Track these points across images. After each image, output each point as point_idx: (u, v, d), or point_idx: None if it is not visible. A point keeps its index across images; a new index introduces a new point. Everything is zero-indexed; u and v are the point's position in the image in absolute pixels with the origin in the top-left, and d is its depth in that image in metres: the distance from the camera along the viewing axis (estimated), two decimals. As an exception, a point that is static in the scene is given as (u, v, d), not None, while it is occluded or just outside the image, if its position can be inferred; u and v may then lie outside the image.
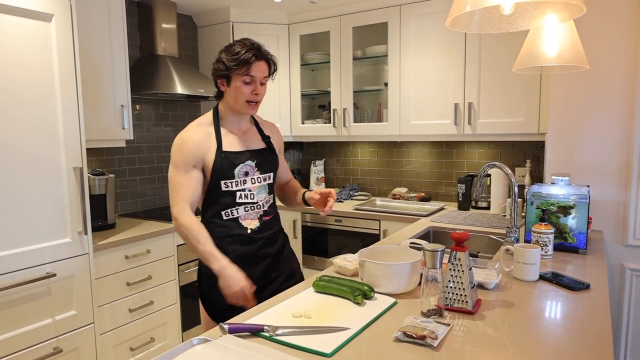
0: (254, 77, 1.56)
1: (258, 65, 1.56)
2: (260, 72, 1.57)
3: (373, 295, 1.34)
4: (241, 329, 1.13)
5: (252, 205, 1.65)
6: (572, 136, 2.32)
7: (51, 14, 1.90)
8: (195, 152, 1.56)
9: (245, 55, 1.53)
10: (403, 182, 3.44)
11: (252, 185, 1.64)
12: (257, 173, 1.66)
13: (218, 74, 1.59)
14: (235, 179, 1.60)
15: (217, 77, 1.60)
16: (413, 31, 2.93)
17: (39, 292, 1.90)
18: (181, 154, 1.55)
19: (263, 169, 1.68)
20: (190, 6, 3.20)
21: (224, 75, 1.57)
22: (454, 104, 2.81)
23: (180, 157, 1.55)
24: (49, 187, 1.92)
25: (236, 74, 1.55)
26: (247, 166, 1.63)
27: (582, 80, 2.27)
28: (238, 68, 1.53)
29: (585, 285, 1.46)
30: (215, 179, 1.58)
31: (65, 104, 1.97)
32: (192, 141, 1.57)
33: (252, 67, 1.54)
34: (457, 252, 1.28)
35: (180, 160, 1.55)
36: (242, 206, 1.63)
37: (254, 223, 1.66)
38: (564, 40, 1.64)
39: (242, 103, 1.58)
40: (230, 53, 1.55)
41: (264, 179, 1.68)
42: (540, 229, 1.80)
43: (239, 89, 1.56)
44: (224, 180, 1.59)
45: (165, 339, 2.56)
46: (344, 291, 1.35)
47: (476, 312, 1.27)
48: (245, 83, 1.56)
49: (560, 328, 1.17)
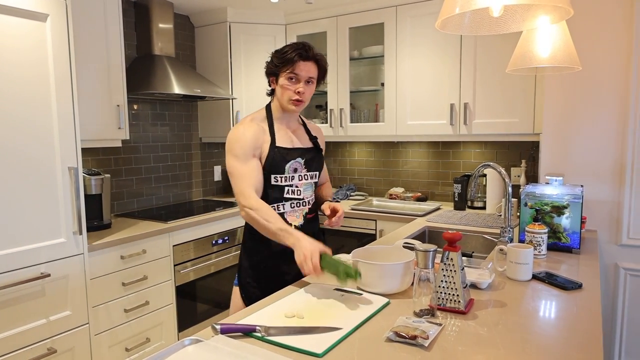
0: (298, 76, 1.62)
1: (303, 65, 1.61)
2: (304, 72, 1.62)
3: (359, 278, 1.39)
4: (233, 330, 1.13)
5: (299, 202, 1.71)
6: (566, 136, 2.33)
7: (46, 13, 1.90)
8: (255, 142, 1.62)
9: (290, 54, 1.60)
10: (400, 182, 3.44)
11: (300, 182, 1.71)
12: (305, 170, 1.72)
13: (268, 72, 1.67)
14: (285, 174, 1.66)
15: (268, 75, 1.68)
16: (409, 32, 2.93)
17: (33, 293, 1.90)
18: (240, 144, 1.60)
19: (311, 167, 1.74)
20: (187, 6, 3.20)
21: (273, 73, 1.66)
22: (450, 104, 2.82)
23: (239, 148, 1.60)
24: (43, 187, 1.92)
25: (282, 72, 1.62)
26: (296, 163, 1.69)
27: (576, 81, 2.28)
28: (283, 66, 1.61)
29: (578, 284, 1.46)
30: (266, 173, 1.64)
31: (61, 103, 1.97)
32: (250, 132, 1.62)
33: (296, 65, 1.60)
34: (450, 252, 1.28)
35: (240, 151, 1.60)
36: (288, 202, 1.69)
37: (298, 220, 1.71)
38: (556, 42, 1.65)
39: (287, 100, 1.65)
40: (279, 52, 1.63)
41: (311, 177, 1.75)
42: (534, 229, 1.80)
43: (284, 86, 1.63)
44: (274, 175, 1.65)
45: (161, 339, 2.56)
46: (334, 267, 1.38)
47: (468, 312, 1.28)
48: (289, 80, 1.62)
49: (551, 328, 1.17)
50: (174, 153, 3.35)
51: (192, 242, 2.71)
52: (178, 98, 3.11)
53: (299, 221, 1.72)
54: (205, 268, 2.80)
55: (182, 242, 2.65)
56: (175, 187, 3.37)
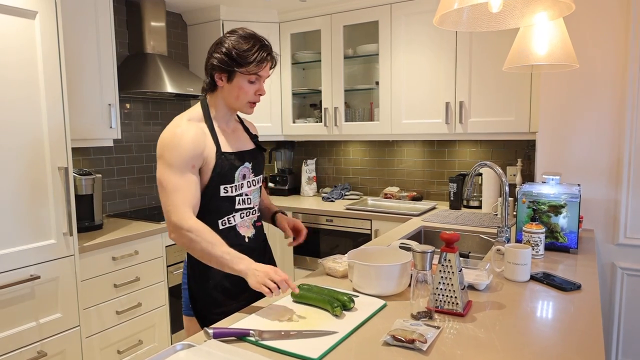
0: (261, 77, 1.44)
1: (267, 64, 1.43)
2: (266, 72, 1.45)
3: (352, 306, 1.27)
4: (226, 334, 1.10)
5: (248, 211, 1.53)
6: (562, 135, 2.31)
7: (35, 11, 1.86)
8: (194, 151, 1.37)
9: (259, 54, 1.39)
10: (395, 181, 3.42)
11: (249, 189, 1.53)
12: (252, 175, 1.54)
13: (219, 67, 1.40)
14: (235, 182, 1.47)
15: (217, 71, 1.41)
16: (404, 30, 2.91)
17: (22, 295, 1.86)
18: (177, 152, 1.35)
19: (257, 170, 1.56)
20: (179, 4, 3.16)
21: (226, 70, 1.40)
22: (445, 103, 2.80)
23: (176, 157, 1.35)
24: (33, 187, 1.88)
25: (241, 72, 1.39)
26: (245, 169, 1.50)
27: (573, 79, 2.26)
28: (247, 66, 1.38)
29: (577, 285, 1.45)
30: (215, 184, 1.43)
31: (50, 102, 1.92)
32: (188, 138, 1.37)
33: (261, 67, 1.41)
34: (447, 253, 1.26)
35: (177, 160, 1.35)
36: (239, 212, 1.50)
37: (250, 231, 1.54)
38: (553, 39, 1.63)
39: (244, 102, 1.45)
40: (240, 47, 1.38)
41: (258, 182, 1.57)
42: (532, 229, 1.79)
43: (243, 88, 1.42)
44: (224, 185, 1.44)
45: (153, 342, 2.53)
46: (322, 301, 1.27)
47: (466, 314, 1.26)
48: (250, 82, 1.42)
49: (551, 330, 1.15)
50: (167, 152, 3.30)
51: (185, 243, 2.67)
52: (171, 97, 3.07)
53: (250, 231, 1.54)
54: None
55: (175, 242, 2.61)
56: (169, 187, 3.32)
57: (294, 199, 3.46)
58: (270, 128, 3.42)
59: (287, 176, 3.65)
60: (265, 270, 1.26)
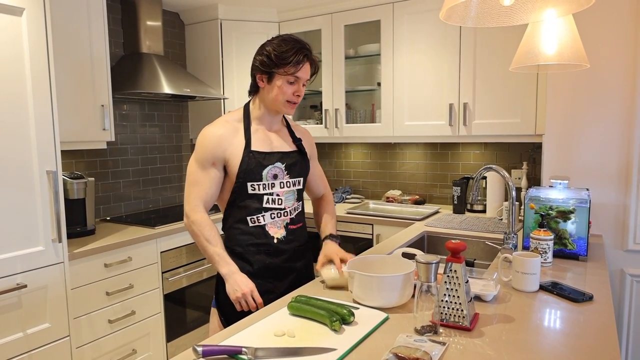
0: (299, 78, 1.49)
1: (305, 67, 1.49)
2: (305, 74, 1.50)
3: (352, 320, 1.20)
4: (217, 352, 1.02)
5: (280, 212, 1.55)
6: (569, 137, 2.24)
7: (22, 7, 1.79)
8: (215, 149, 1.48)
9: (297, 56, 1.45)
10: (397, 184, 3.35)
11: (281, 189, 1.54)
12: (287, 177, 1.56)
13: (260, 69, 1.49)
14: (263, 181, 1.51)
15: (258, 72, 1.50)
16: (406, 29, 2.84)
17: (8, 305, 1.78)
18: (202, 149, 1.48)
19: (293, 172, 1.57)
20: (176, 3, 3.09)
21: (266, 72, 1.48)
22: (449, 104, 2.73)
23: (201, 152, 1.49)
24: (19, 192, 1.80)
25: (280, 72, 1.46)
26: (276, 168, 1.53)
27: (580, 79, 2.19)
28: (283, 66, 1.45)
29: (588, 296, 1.37)
30: (242, 180, 1.49)
31: (38, 102, 1.85)
32: (213, 137, 1.48)
33: (299, 68, 1.47)
34: (453, 263, 1.18)
35: (201, 155, 1.48)
36: (269, 212, 1.53)
37: (280, 232, 1.55)
38: (563, 38, 1.55)
39: (282, 102, 1.50)
40: (279, 49, 1.45)
41: (294, 184, 1.58)
42: (540, 235, 1.71)
43: (282, 88, 1.48)
44: (251, 182, 1.50)
45: (148, 350, 2.45)
46: (319, 315, 1.20)
47: (473, 328, 1.18)
48: (289, 83, 1.48)
49: (563, 346, 1.07)
50: (163, 155, 3.24)
51: (181, 248, 2.60)
52: (167, 98, 3.00)
53: (281, 233, 1.55)
54: (195, 275, 2.69)
55: (171, 248, 2.54)
56: (165, 190, 3.26)
57: (293, 203, 3.38)
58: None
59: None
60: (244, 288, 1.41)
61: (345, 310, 1.20)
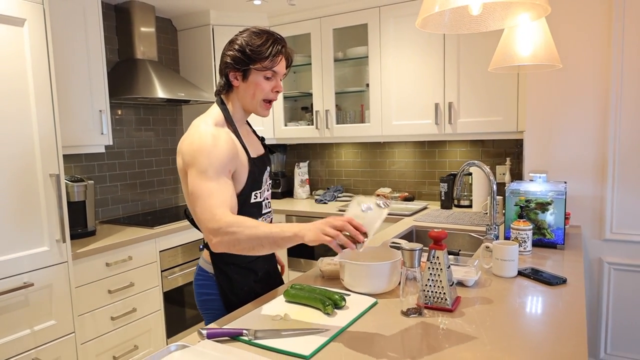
0: (277, 73, 1.37)
1: (282, 60, 1.38)
2: (282, 68, 1.38)
3: (344, 304, 1.29)
4: (220, 334, 1.12)
5: (268, 215, 1.51)
6: (549, 134, 2.36)
7: (23, 18, 1.87)
8: (230, 155, 1.29)
9: (273, 48, 1.33)
10: (387, 182, 3.46)
11: (268, 192, 1.51)
12: (269, 179, 1.53)
13: (233, 66, 1.35)
14: (262, 188, 1.45)
15: (232, 69, 1.36)
16: (393, 32, 2.94)
17: (16, 303, 1.86)
18: (214, 156, 1.25)
19: (270, 174, 1.54)
20: (169, 9, 3.18)
21: (240, 69, 1.34)
22: (435, 104, 2.84)
23: (212, 161, 1.25)
24: (24, 195, 1.89)
25: (257, 68, 1.34)
26: (267, 173, 1.49)
27: (558, 78, 2.31)
28: (262, 61, 1.33)
29: (562, 280, 1.48)
30: (248, 191, 1.38)
31: (40, 110, 1.93)
32: (223, 141, 1.29)
33: (276, 61, 1.35)
34: (436, 250, 1.29)
35: (213, 165, 1.24)
36: (262, 217, 1.46)
37: None
38: (537, 40, 1.67)
39: (259, 101, 1.38)
40: (253, 43, 1.32)
41: (270, 185, 1.56)
42: (519, 226, 1.82)
43: (260, 85, 1.35)
44: (255, 191, 1.41)
45: (149, 346, 2.53)
46: (314, 300, 1.29)
47: (455, 310, 1.28)
48: (266, 78, 1.36)
49: (537, 323, 1.18)
50: (159, 158, 3.32)
51: (179, 248, 2.69)
52: (162, 102, 3.08)
53: None
54: (191, 274, 2.78)
55: (169, 247, 2.63)
56: (162, 192, 3.34)
57: (287, 202, 3.48)
58: (262, 132, 3.44)
59: (280, 179, 3.67)
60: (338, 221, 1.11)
61: (337, 296, 1.30)
